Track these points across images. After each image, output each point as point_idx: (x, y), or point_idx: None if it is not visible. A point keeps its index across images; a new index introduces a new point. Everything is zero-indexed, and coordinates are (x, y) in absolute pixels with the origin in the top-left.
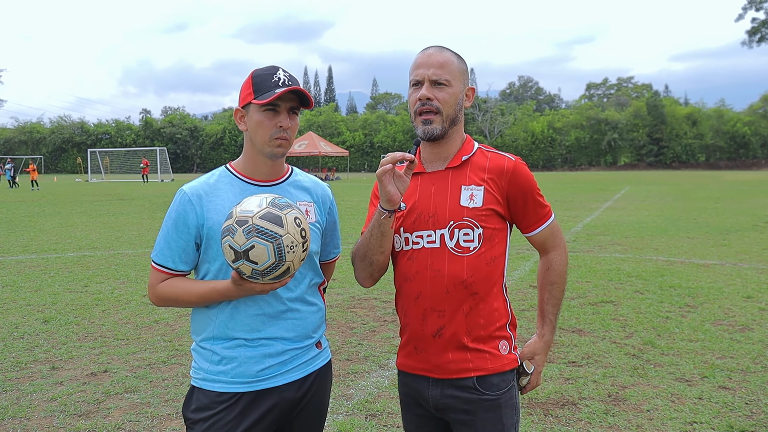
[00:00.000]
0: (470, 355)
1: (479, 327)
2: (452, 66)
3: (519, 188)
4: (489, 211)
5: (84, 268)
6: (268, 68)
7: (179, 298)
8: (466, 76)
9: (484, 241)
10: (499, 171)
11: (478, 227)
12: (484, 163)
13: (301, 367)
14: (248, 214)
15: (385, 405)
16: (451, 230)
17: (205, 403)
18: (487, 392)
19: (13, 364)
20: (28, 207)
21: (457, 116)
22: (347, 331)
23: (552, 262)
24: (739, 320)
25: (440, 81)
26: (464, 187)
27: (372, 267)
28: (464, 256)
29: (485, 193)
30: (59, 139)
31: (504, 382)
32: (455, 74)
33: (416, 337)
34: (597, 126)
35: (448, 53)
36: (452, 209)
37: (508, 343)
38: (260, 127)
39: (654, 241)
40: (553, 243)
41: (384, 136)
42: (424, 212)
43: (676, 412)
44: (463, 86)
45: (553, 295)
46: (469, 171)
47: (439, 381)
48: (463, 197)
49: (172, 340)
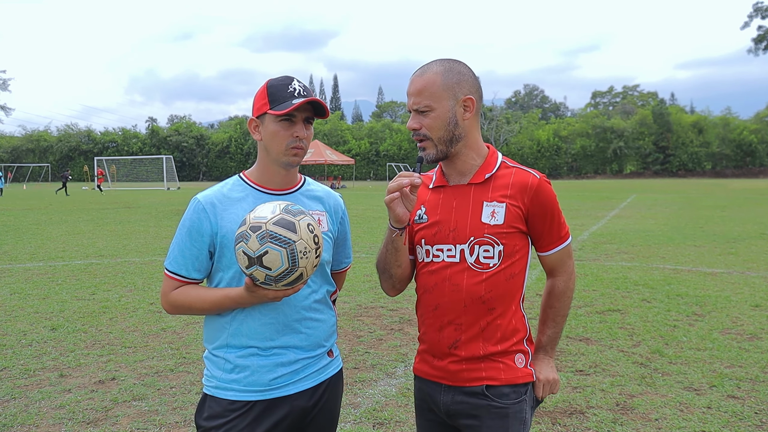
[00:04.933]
0: (484, 365)
1: (496, 341)
2: (433, 87)
3: (540, 207)
4: (510, 228)
5: (91, 275)
6: (283, 78)
7: (192, 305)
8: (459, 89)
9: (504, 257)
10: (522, 188)
11: (498, 244)
12: (507, 179)
13: (313, 376)
14: (262, 220)
15: (392, 413)
16: (471, 246)
17: (217, 411)
18: (496, 399)
19: (21, 371)
20: (36, 215)
21: (453, 135)
22: (354, 340)
23: (554, 287)
24: (748, 329)
25: (421, 109)
26: (486, 203)
27: (392, 279)
28: (483, 272)
29: (507, 211)
30: (66, 147)
31: (515, 394)
32: (437, 95)
33: (433, 347)
34: (603, 134)
35: (429, 74)
36: (473, 225)
37: (525, 357)
38: (276, 136)
39: (661, 249)
40: (561, 268)
41: (390, 145)
42: (445, 226)
43: (684, 421)
44: (453, 102)
45: (555, 315)
46: (491, 187)
47: (451, 387)
48: (485, 214)
49: (180, 348)
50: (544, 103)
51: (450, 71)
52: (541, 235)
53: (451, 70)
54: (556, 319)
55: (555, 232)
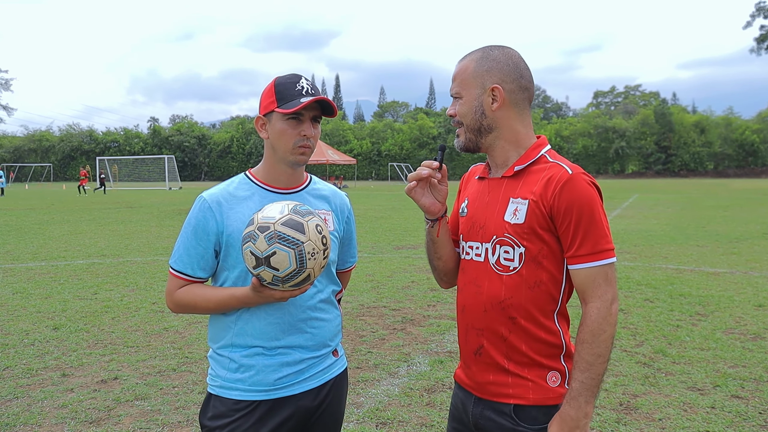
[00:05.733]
0: (511, 379)
1: (520, 353)
2: (464, 74)
3: (567, 204)
4: (530, 229)
5: (93, 275)
6: (291, 76)
7: (197, 304)
8: (488, 77)
9: (527, 262)
10: (551, 182)
11: (519, 246)
12: (540, 174)
13: (318, 376)
14: (270, 220)
15: (395, 413)
16: (494, 245)
17: (222, 410)
18: (523, 423)
19: (24, 370)
20: (38, 215)
21: (480, 125)
22: (356, 339)
23: (587, 315)
24: (751, 329)
25: (454, 95)
26: (512, 199)
27: (436, 271)
28: (503, 275)
29: (529, 208)
30: (68, 147)
31: (545, 417)
32: (466, 82)
33: (463, 351)
34: (604, 134)
35: (466, 60)
36: (497, 223)
37: (561, 376)
38: (283, 135)
39: (663, 249)
40: (594, 293)
41: (391, 145)
42: (477, 222)
43: (688, 421)
44: (480, 91)
45: (581, 356)
46: (522, 182)
47: (480, 400)
48: (509, 211)
49: (182, 348)
50: (545, 103)
51: (484, 58)
52: (566, 241)
53: (486, 57)
54: (588, 358)
55: (587, 241)
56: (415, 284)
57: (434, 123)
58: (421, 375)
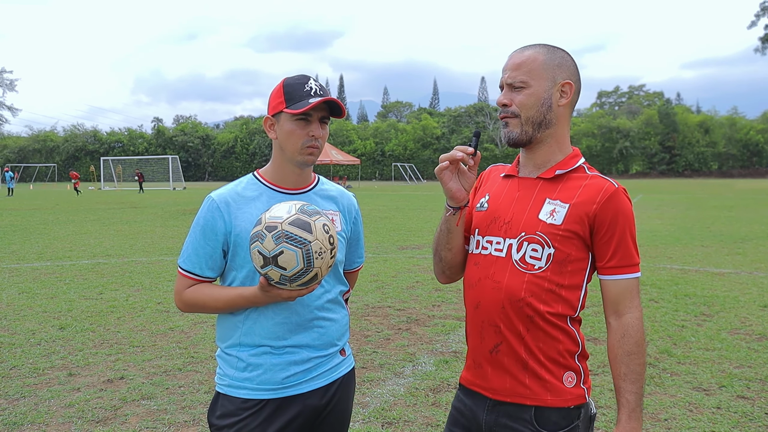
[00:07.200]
0: (528, 380)
1: (539, 351)
2: (533, 64)
3: (611, 215)
4: (568, 232)
5: (98, 275)
6: (299, 77)
7: (206, 304)
8: (560, 71)
9: (553, 263)
10: (596, 191)
11: (549, 246)
12: (581, 182)
13: (326, 375)
14: (277, 220)
15: (401, 413)
16: (520, 242)
17: (230, 409)
18: (544, 429)
19: (30, 370)
20: (43, 215)
21: (543, 118)
22: (362, 339)
23: (628, 326)
24: (756, 329)
25: (515, 84)
26: (549, 200)
27: (442, 263)
28: (526, 273)
29: (569, 212)
30: (72, 147)
31: (565, 421)
32: (536, 72)
33: (475, 350)
34: (608, 134)
35: (531, 50)
36: (528, 220)
37: (576, 376)
38: (292, 135)
39: (668, 249)
40: (632, 303)
41: (395, 145)
42: (501, 217)
43: (694, 421)
44: (550, 84)
45: (631, 369)
46: (561, 187)
47: (495, 405)
48: (544, 211)
49: (188, 348)
50: None
51: (554, 53)
52: (605, 251)
53: (554, 52)
54: (637, 369)
55: (625, 254)
56: (419, 284)
57: (438, 123)
58: (426, 375)
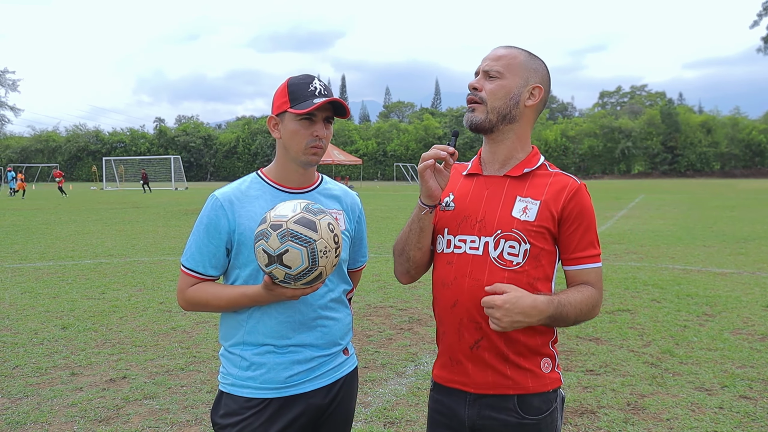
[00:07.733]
0: (510, 371)
1: (519, 343)
2: (512, 60)
3: (577, 210)
4: (541, 228)
5: (101, 275)
6: (304, 77)
7: (209, 302)
8: (534, 75)
9: (529, 258)
10: (562, 188)
11: (525, 242)
12: (546, 179)
13: (329, 374)
14: (283, 218)
15: (403, 413)
16: (497, 239)
17: (233, 408)
18: (528, 416)
19: (33, 369)
20: (45, 215)
21: (509, 112)
22: (364, 339)
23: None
24: (759, 329)
25: (491, 72)
26: (520, 198)
27: (409, 263)
28: (506, 270)
29: (540, 209)
30: (75, 147)
31: (545, 404)
32: (512, 68)
33: (453, 348)
34: (610, 134)
35: (514, 50)
36: (502, 218)
37: (551, 362)
38: (296, 135)
39: (670, 249)
40: (597, 286)
41: (397, 145)
42: (471, 216)
43: (696, 421)
44: (523, 82)
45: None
46: (528, 184)
47: (477, 399)
48: (516, 208)
49: (190, 347)
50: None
51: (534, 59)
52: (572, 243)
53: (534, 59)
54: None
55: (589, 245)
56: (421, 284)
57: (440, 123)
58: (428, 375)
